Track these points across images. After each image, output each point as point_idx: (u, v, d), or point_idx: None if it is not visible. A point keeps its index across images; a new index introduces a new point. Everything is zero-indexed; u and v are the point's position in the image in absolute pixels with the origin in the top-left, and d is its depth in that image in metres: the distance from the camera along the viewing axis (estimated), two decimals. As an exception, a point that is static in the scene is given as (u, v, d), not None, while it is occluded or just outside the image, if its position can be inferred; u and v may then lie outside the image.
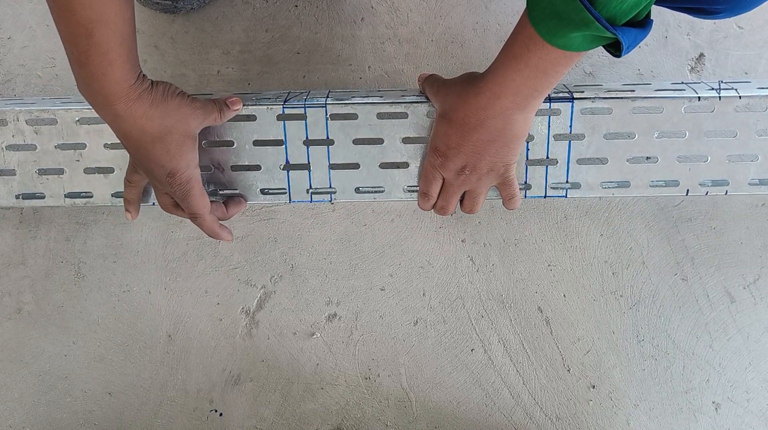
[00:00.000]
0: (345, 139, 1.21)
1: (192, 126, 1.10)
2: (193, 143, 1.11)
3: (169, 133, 1.07)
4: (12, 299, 1.44)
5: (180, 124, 1.08)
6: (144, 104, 1.03)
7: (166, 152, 1.08)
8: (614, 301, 1.41)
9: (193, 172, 1.12)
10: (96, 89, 1.01)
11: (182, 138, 1.08)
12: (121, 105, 1.02)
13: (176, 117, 1.07)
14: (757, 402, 1.42)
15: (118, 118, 1.03)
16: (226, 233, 1.22)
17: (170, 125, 1.06)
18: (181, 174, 1.10)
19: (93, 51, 0.97)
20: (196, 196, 1.13)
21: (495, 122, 1.06)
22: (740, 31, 1.38)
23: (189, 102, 1.10)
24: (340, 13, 1.39)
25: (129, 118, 1.03)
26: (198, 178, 1.13)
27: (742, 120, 1.18)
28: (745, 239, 1.40)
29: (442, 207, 1.20)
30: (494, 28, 1.38)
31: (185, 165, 1.10)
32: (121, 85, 1.01)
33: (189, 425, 1.45)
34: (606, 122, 1.19)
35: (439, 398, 1.44)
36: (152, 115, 1.04)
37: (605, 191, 1.23)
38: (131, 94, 1.02)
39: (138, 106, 1.03)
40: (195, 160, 1.12)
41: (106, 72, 0.99)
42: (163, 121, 1.05)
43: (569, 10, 0.88)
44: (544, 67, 0.99)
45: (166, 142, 1.07)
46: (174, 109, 1.07)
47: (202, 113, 1.12)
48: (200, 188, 1.13)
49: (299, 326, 1.43)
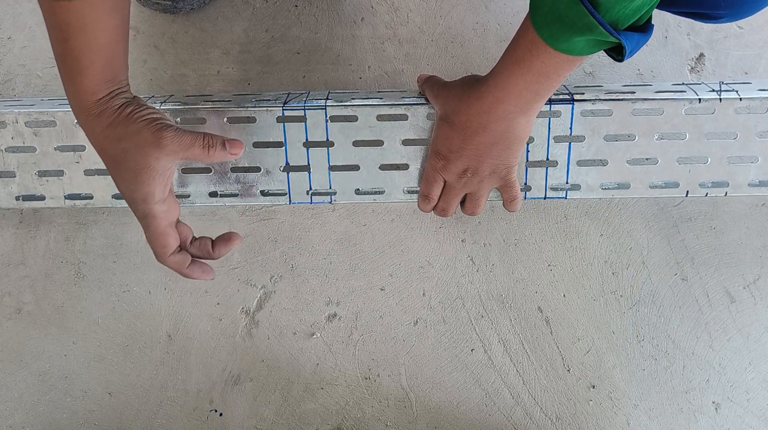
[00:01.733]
0: (345, 141, 1.21)
1: (150, 156, 1.00)
2: (154, 176, 1.01)
3: (124, 160, 1.00)
4: (12, 299, 1.44)
5: (135, 152, 0.99)
6: (102, 122, 0.98)
7: (122, 179, 1.02)
8: (614, 301, 1.41)
9: (152, 208, 1.02)
10: (68, 95, 0.99)
11: (138, 168, 1.00)
12: (81, 117, 0.99)
13: (132, 142, 0.99)
14: (757, 402, 1.42)
15: (83, 129, 1.01)
16: (199, 271, 1.11)
17: (125, 151, 0.99)
18: (136, 207, 1.03)
19: (67, 56, 0.95)
20: (153, 234, 1.04)
21: (497, 126, 1.06)
22: (740, 32, 1.38)
23: (154, 129, 1.00)
24: (340, 13, 1.39)
25: (90, 132, 1.00)
26: (157, 215, 1.03)
27: (743, 122, 1.18)
28: (745, 239, 1.40)
29: (443, 209, 1.20)
30: (494, 28, 1.38)
31: (141, 198, 1.01)
32: (87, 97, 0.97)
33: (189, 425, 1.45)
34: (606, 124, 1.19)
35: (439, 398, 1.44)
36: (109, 135, 0.99)
37: (605, 193, 1.23)
38: (93, 109, 0.98)
39: (96, 123, 0.98)
40: (157, 196, 1.02)
41: (75, 80, 0.96)
42: (118, 144, 0.99)
43: (573, 14, 0.88)
44: (546, 71, 0.99)
45: (122, 168, 1.00)
46: (132, 133, 0.99)
47: (170, 145, 1.00)
48: (162, 227, 1.04)
49: (299, 326, 1.43)
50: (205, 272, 1.11)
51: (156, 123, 1.00)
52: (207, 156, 1.05)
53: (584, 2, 0.86)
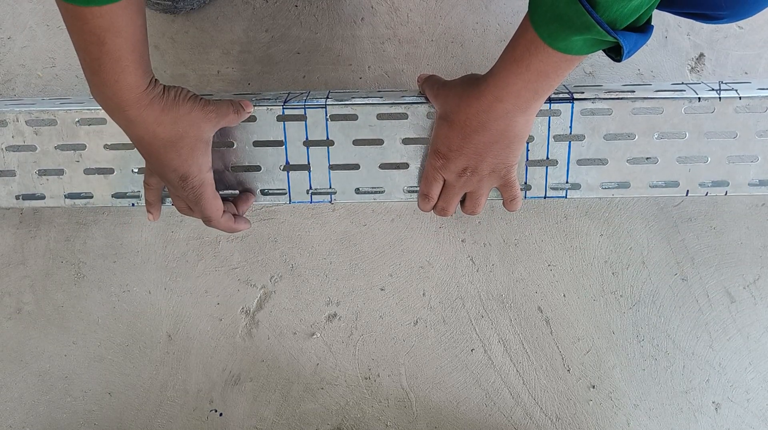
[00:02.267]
0: (345, 140, 1.21)
1: (204, 130, 1.10)
2: (206, 147, 1.11)
3: (181, 138, 1.07)
4: (12, 299, 1.44)
5: (191, 129, 1.08)
6: (155, 110, 1.04)
7: (178, 157, 1.08)
8: (614, 301, 1.41)
9: (206, 176, 1.12)
10: (109, 95, 1.01)
11: (194, 142, 1.09)
12: (133, 111, 1.02)
13: (187, 121, 1.07)
14: (757, 402, 1.42)
15: (131, 123, 1.04)
16: (242, 223, 1.23)
17: (182, 130, 1.07)
18: (193, 178, 1.11)
19: (105, 59, 0.97)
20: (208, 199, 1.14)
21: (496, 125, 1.06)
22: (740, 31, 1.38)
23: (201, 106, 1.10)
24: (340, 13, 1.39)
25: (141, 123, 1.04)
26: (210, 182, 1.13)
27: (743, 121, 1.18)
28: (745, 239, 1.40)
29: (443, 208, 1.20)
30: (494, 28, 1.38)
31: (197, 169, 1.10)
32: (133, 91, 1.01)
33: (189, 425, 1.45)
34: (606, 123, 1.19)
35: (439, 398, 1.44)
36: (163, 120, 1.05)
37: (605, 192, 1.23)
38: (143, 100, 1.02)
39: (150, 111, 1.03)
40: (207, 164, 1.12)
41: (118, 79, 0.99)
42: (174, 126, 1.06)
43: (571, 13, 0.88)
44: (545, 70, 0.99)
45: (178, 146, 1.07)
46: (185, 113, 1.07)
47: (215, 116, 1.12)
48: (212, 192, 1.14)
49: (299, 326, 1.43)
50: (247, 221, 1.24)
51: (198, 100, 1.10)
52: (237, 119, 1.17)
53: (582, 1, 0.86)
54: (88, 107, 1.22)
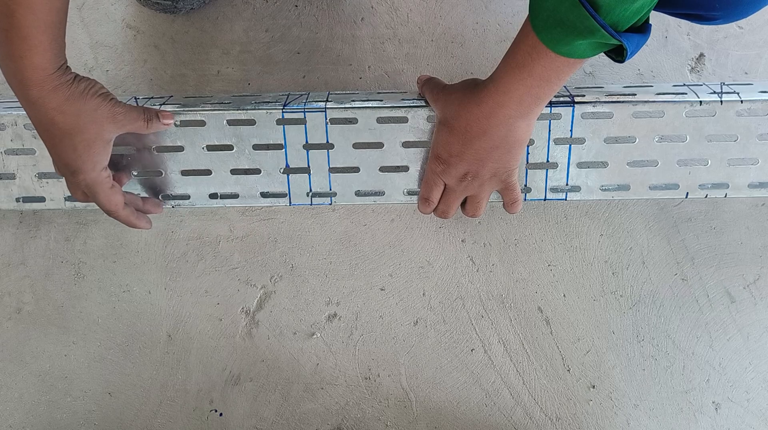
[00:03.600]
0: (345, 144, 1.21)
1: (106, 129, 1.08)
2: (103, 146, 1.09)
3: (80, 132, 1.05)
4: (12, 299, 1.44)
5: (92, 125, 1.06)
6: (59, 96, 1.01)
7: (73, 151, 1.06)
8: (614, 301, 1.41)
9: (99, 174, 1.11)
10: (12, 70, 0.99)
11: (92, 139, 1.07)
12: (34, 91, 1.00)
13: (90, 117, 1.05)
14: (757, 402, 1.42)
15: (31, 104, 1.02)
16: (143, 221, 1.23)
17: (82, 124, 1.05)
18: (85, 175, 1.09)
19: (12, 32, 0.94)
20: (105, 195, 1.13)
21: (498, 130, 1.06)
22: (740, 31, 1.38)
23: (110, 105, 1.07)
24: (340, 13, 1.38)
25: (41, 106, 1.02)
26: (102, 181, 1.11)
27: (744, 124, 1.18)
28: (745, 239, 1.40)
29: (443, 211, 1.20)
30: (494, 28, 1.38)
31: (90, 167, 1.09)
32: (38, 72, 0.98)
33: (189, 425, 1.45)
34: (607, 126, 1.19)
35: (439, 398, 1.44)
36: (66, 109, 1.02)
37: (605, 194, 1.23)
38: (47, 83, 1.00)
39: (53, 96, 1.01)
40: (102, 163, 1.10)
41: (24, 55, 0.96)
42: (75, 119, 1.04)
43: (574, 17, 0.88)
44: (547, 75, 0.98)
45: (75, 140, 1.05)
46: (91, 109, 1.05)
47: (122, 119, 1.10)
48: (107, 188, 1.13)
49: (299, 326, 1.43)
50: (148, 221, 1.25)
51: (110, 99, 1.08)
52: (146, 128, 1.16)
53: (585, 5, 0.86)
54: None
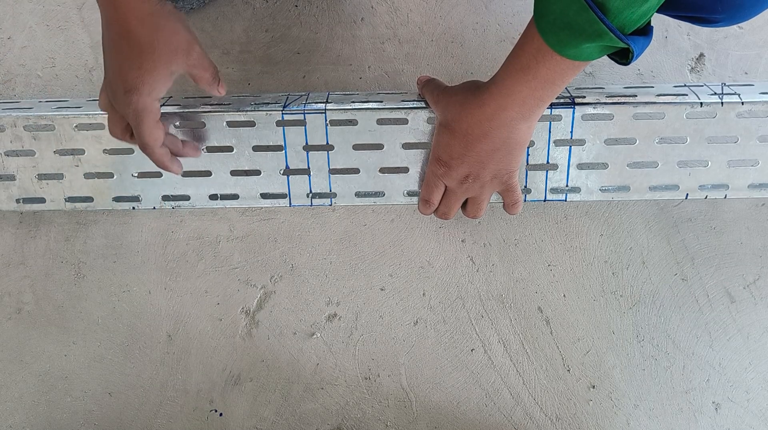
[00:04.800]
0: (345, 145, 1.21)
1: (175, 61, 1.04)
2: (167, 74, 1.04)
3: (151, 51, 1.01)
4: (12, 299, 1.44)
5: (166, 49, 1.02)
6: (144, 7, 0.99)
7: (138, 68, 1.01)
8: (614, 301, 1.41)
9: (153, 102, 1.05)
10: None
11: (160, 64, 1.02)
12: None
13: (166, 40, 1.02)
14: (757, 402, 1.42)
15: (115, 6, 0.99)
16: (175, 165, 1.17)
17: (156, 44, 1.01)
18: (139, 97, 1.03)
19: None
20: (149, 126, 1.06)
21: (499, 133, 1.05)
22: (740, 32, 1.38)
23: (189, 37, 1.05)
24: (340, 13, 1.38)
25: (124, 12, 0.99)
26: (154, 110, 1.05)
27: (744, 125, 1.18)
28: (745, 239, 1.40)
29: (444, 213, 1.20)
30: (494, 28, 1.38)
31: (147, 90, 1.03)
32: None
33: (189, 425, 1.46)
34: (607, 128, 1.19)
35: (439, 398, 1.44)
36: (146, 21, 0.99)
37: (605, 195, 1.23)
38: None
39: (138, 5, 0.98)
40: (160, 91, 1.05)
41: None
42: (152, 35, 1.00)
43: (582, 21, 0.88)
44: (552, 77, 0.98)
45: (143, 58, 1.01)
46: (170, 32, 1.02)
47: (195, 57, 1.06)
48: (155, 120, 1.06)
49: (299, 326, 1.43)
50: (179, 166, 1.18)
51: (191, 34, 1.06)
52: (210, 82, 1.11)
53: (594, 9, 0.86)
54: (86, 112, 1.22)
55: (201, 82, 1.10)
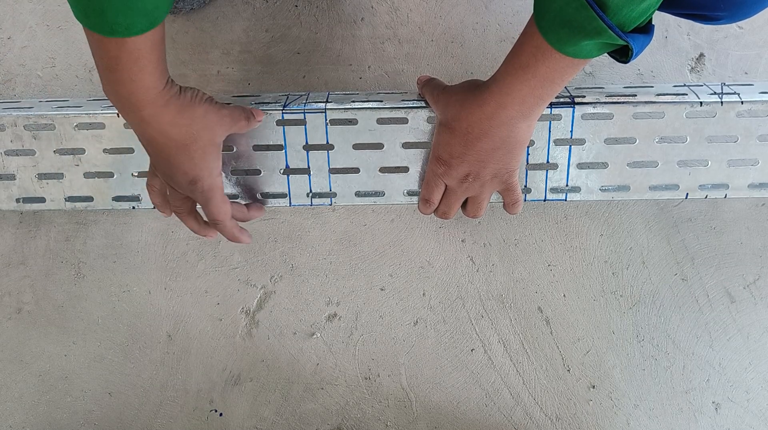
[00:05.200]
0: (345, 145, 1.21)
1: (217, 134, 1.09)
2: (217, 151, 1.10)
3: (195, 141, 1.06)
4: (12, 299, 1.44)
5: (206, 132, 1.07)
6: (171, 111, 1.02)
7: (190, 160, 1.07)
8: (614, 301, 1.41)
9: (216, 179, 1.11)
10: (124, 94, 0.99)
11: (206, 146, 1.07)
12: (148, 110, 1.00)
13: (202, 125, 1.06)
14: (757, 402, 1.42)
15: (144, 123, 1.02)
16: (245, 236, 1.21)
17: (196, 133, 1.05)
18: (203, 182, 1.09)
19: (124, 56, 0.94)
20: (217, 203, 1.12)
21: (499, 131, 1.05)
22: (740, 32, 1.38)
23: (216, 110, 1.09)
24: (340, 13, 1.38)
25: (155, 124, 1.02)
26: (220, 186, 1.12)
27: (744, 125, 1.18)
28: (745, 239, 1.40)
29: (444, 212, 1.20)
30: (494, 28, 1.38)
31: (208, 173, 1.09)
32: (150, 91, 0.99)
33: (189, 425, 1.46)
34: (607, 127, 1.19)
35: (439, 398, 1.44)
36: (179, 122, 1.03)
37: (605, 195, 1.23)
38: (159, 100, 1.00)
39: (165, 112, 1.02)
40: (218, 168, 1.11)
41: (135, 78, 0.97)
42: (189, 129, 1.04)
43: (581, 18, 0.88)
44: (551, 76, 0.98)
45: (191, 150, 1.06)
46: (201, 116, 1.06)
47: (229, 121, 1.11)
48: (222, 195, 1.13)
49: (299, 326, 1.43)
50: (249, 236, 1.22)
51: (214, 103, 1.09)
52: (247, 127, 1.17)
53: (593, 6, 0.86)
54: (87, 112, 1.22)
55: (243, 130, 1.17)
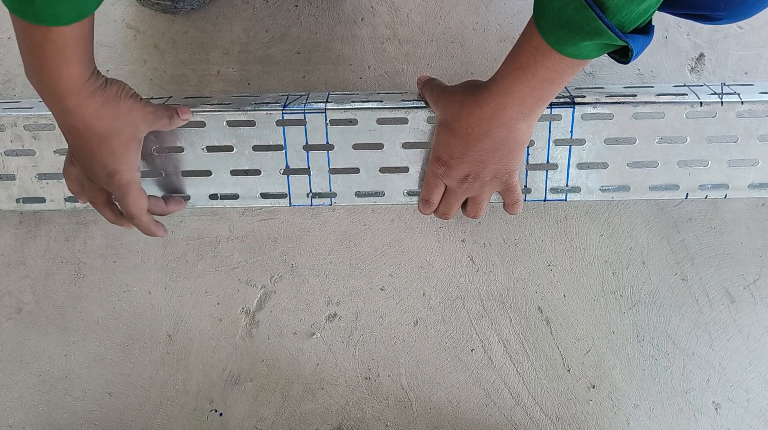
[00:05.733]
0: (345, 145, 1.21)
1: (140, 130, 1.10)
2: (138, 146, 1.11)
3: (117, 135, 1.06)
4: (12, 299, 1.44)
5: (128, 127, 1.07)
6: (96, 102, 1.02)
7: (111, 153, 1.07)
8: (614, 301, 1.41)
9: (134, 175, 1.11)
10: (48, 82, 0.99)
11: (128, 140, 1.08)
12: (72, 100, 1.00)
13: (126, 120, 1.07)
14: (757, 402, 1.42)
15: (67, 113, 1.02)
16: (161, 230, 1.22)
17: (119, 127, 1.06)
18: (121, 176, 1.09)
19: (49, 46, 0.94)
20: (134, 198, 1.13)
21: (499, 132, 1.05)
22: (740, 32, 1.38)
23: (141, 106, 1.10)
24: (340, 13, 1.38)
25: (78, 114, 1.02)
26: (137, 181, 1.12)
27: (744, 125, 1.18)
28: (745, 239, 1.40)
29: (444, 213, 1.20)
30: (494, 28, 1.38)
31: (127, 168, 1.09)
32: (75, 81, 0.99)
33: (189, 425, 1.45)
34: (607, 127, 1.19)
35: (439, 398, 1.44)
36: (103, 114, 1.03)
37: (605, 195, 1.23)
38: (84, 90, 1.00)
39: (89, 103, 1.02)
40: (137, 164, 1.11)
41: (61, 68, 0.97)
42: (113, 122, 1.05)
43: (581, 19, 0.88)
44: (551, 76, 0.98)
45: (113, 143, 1.06)
46: (125, 111, 1.06)
47: (152, 118, 1.12)
48: (138, 191, 1.13)
49: (299, 326, 1.43)
50: (164, 230, 1.23)
51: (139, 99, 1.10)
52: (170, 125, 1.18)
53: (592, 7, 0.86)
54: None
55: (165, 128, 1.18)
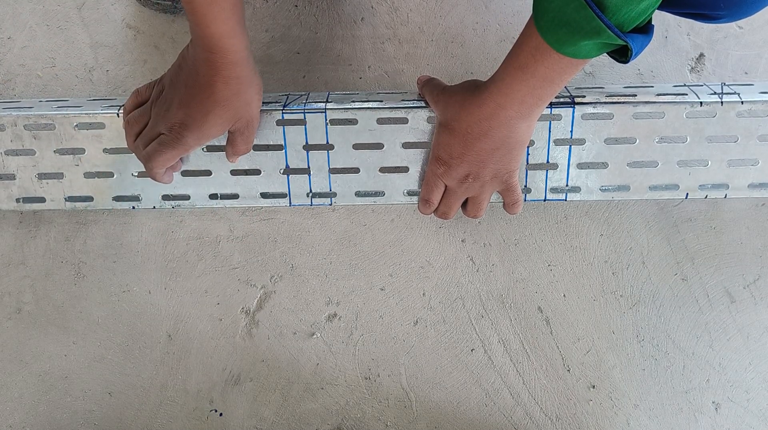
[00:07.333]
0: (345, 144, 1.21)
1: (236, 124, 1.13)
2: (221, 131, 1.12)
3: (224, 108, 1.08)
4: (12, 299, 1.44)
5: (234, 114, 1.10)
6: (236, 70, 1.06)
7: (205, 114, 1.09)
8: (614, 301, 1.41)
9: (192, 145, 1.13)
10: (212, 32, 1.02)
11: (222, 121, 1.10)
12: (218, 56, 1.04)
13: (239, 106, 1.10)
14: (757, 402, 1.42)
15: (209, 63, 1.05)
16: (167, 177, 1.22)
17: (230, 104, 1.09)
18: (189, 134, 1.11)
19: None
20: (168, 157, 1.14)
21: (499, 132, 1.06)
22: (740, 31, 1.38)
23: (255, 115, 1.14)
24: (340, 13, 1.38)
25: (214, 68, 1.05)
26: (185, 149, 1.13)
27: (744, 125, 1.18)
28: (745, 239, 1.40)
29: (444, 213, 1.20)
30: (494, 28, 1.38)
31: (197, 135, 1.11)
32: (241, 39, 1.04)
33: (189, 425, 1.45)
34: (607, 127, 1.19)
35: (439, 398, 1.44)
36: (231, 85, 1.07)
37: (605, 195, 1.23)
38: (231, 55, 1.04)
39: (230, 69, 1.05)
40: (205, 140, 1.14)
41: (220, 26, 1.01)
42: (230, 96, 1.08)
43: (580, 18, 0.88)
44: (551, 76, 0.99)
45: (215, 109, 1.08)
46: (244, 103, 1.10)
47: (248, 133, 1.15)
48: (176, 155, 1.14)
49: (299, 326, 1.43)
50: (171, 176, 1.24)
51: (258, 109, 1.15)
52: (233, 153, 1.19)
53: (592, 6, 0.86)
54: (87, 112, 1.22)
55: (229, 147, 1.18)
